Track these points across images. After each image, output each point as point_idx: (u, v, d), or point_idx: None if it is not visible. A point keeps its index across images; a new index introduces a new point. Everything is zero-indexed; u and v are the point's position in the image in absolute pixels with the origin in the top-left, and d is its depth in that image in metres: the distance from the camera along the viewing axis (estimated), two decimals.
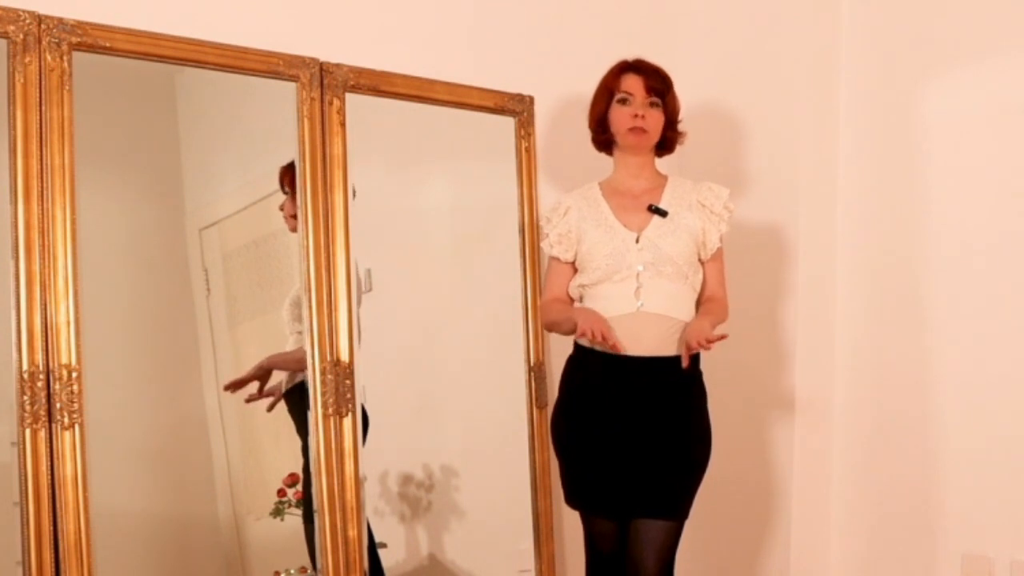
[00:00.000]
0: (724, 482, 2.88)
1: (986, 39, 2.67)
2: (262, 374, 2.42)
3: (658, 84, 2.30)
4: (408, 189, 2.76)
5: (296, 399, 2.41)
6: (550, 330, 2.48)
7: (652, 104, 2.30)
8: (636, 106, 2.29)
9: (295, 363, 2.42)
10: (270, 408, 2.43)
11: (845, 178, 2.95)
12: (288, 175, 2.41)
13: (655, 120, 2.31)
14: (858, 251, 2.93)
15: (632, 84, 2.30)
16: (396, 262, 2.70)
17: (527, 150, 2.81)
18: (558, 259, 2.37)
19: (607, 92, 2.34)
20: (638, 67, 2.32)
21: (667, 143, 2.38)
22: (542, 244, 2.41)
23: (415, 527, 2.74)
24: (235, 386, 2.39)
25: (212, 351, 2.43)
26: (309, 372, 2.38)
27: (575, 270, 2.36)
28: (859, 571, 2.96)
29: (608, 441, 2.25)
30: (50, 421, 1.99)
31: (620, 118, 2.31)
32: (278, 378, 2.45)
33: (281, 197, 2.44)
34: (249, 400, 2.40)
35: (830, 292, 2.96)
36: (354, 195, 2.46)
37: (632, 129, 2.30)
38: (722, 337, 2.14)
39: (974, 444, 2.70)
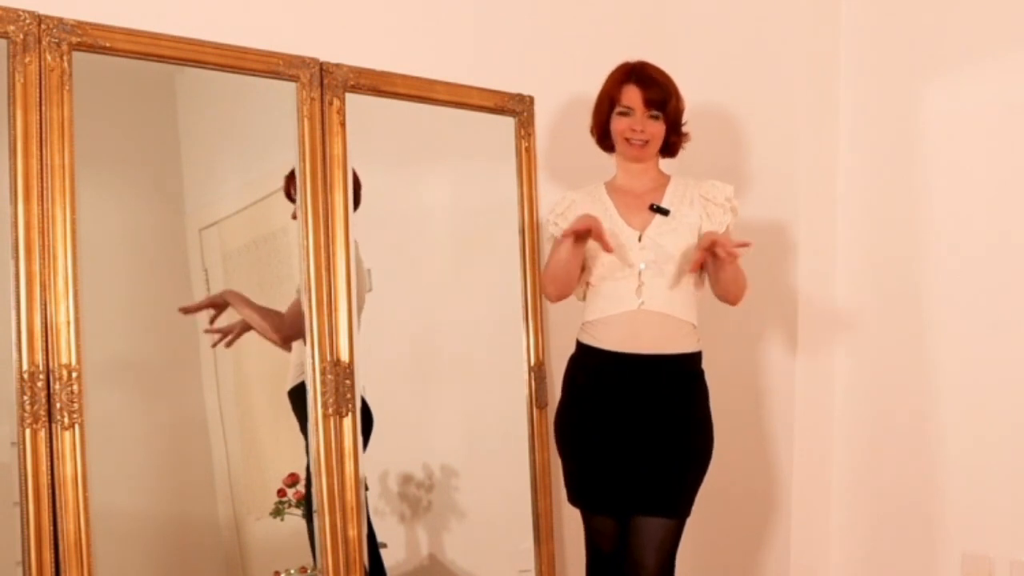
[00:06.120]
0: (724, 482, 2.88)
1: (986, 39, 2.67)
2: (219, 303, 2.38)
3: (658, 96, 2.28)
4: (408, 189, 2.76)
5: (299, 399, 2.41)
6: (554, 280, 2.31)
7: (652, 116, 2.30)
8: (636, 120, 2.30)
9: (249, 308, 2.41)
10: (228, 344, 2.39)
11: (845, 178, 2.95)
12: (293, 183, 2.40)
13: (656, 131, 2.31)
14: (858, 251, 2.93)
15: (632, 97, 2.29)
16: (396, 262, 2.70)
17: (527, 150, 2.81)
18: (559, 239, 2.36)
19: (608, 101, 2.34)
20: (639, 77, 2.30)
21: (670, 147, 2.38)
22: (552, 233, 2.40)
23: (415, 527, 2.74)
24: (188, 310, 2.36)
25: (212, 351, 2.42)
26: (308, 372, 2.38)
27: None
28: (859, 571, 2.96)
29: (610, 439, 2.25)
30: (50, 421, 1.99)
31: (620, 130, 2.32)
32: (236, 317, 2.41)
33: (281, 198, 2.44)
34: (212, 335, 2.37)
35: (830, 292, 2.97)
36: (358, 186, 2.45)
37: (631, 142, 2.30)
38: (743, 244, 2.17)
39: (974, 444, 2.70)
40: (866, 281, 2.92)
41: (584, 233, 2.18)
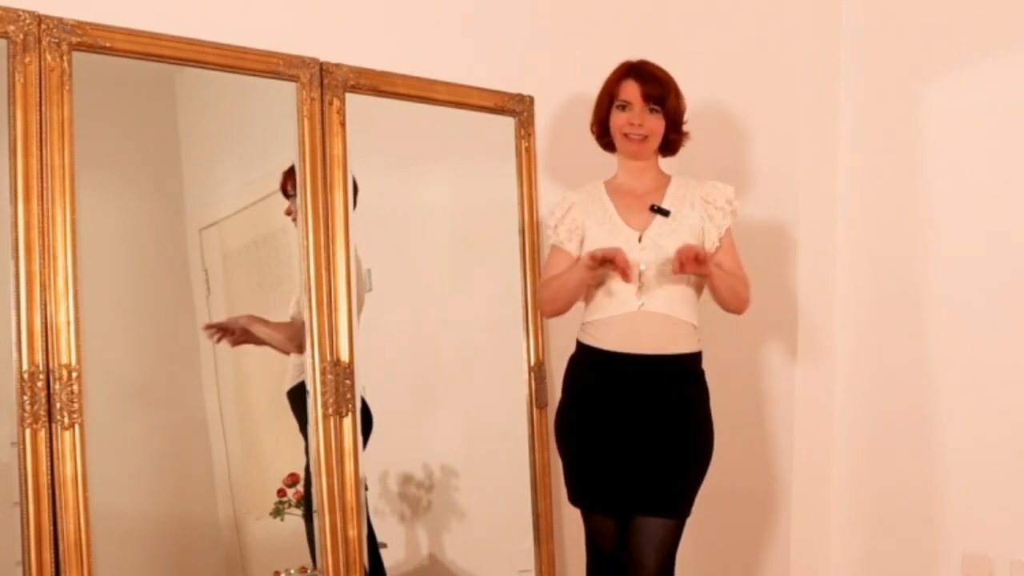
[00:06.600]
0: (725, 482, 2.88)
1: (986, 39, 2.67)
2: (236, 329, 2.40)
3: (656, 91, 2.28)
4: (408, 189, 2.76)
5: (298, 399, 2.41)
6: (554, 301, 2.34)
7: (651, 111, 2.30)
8: (634, 114, 2.29)
9: (268, 328, 2.42)
10: (233, 344, 2.41)
11: (845, 178, 2.96)
12: (291, 179, 2.41)
13: (654, 126, 2.31)
14: (858, 250, 2.94)
15: (630, 91, 2.30)
16: (396, 262, 2.70)
17: (527, 150, 2.81)
18: (560, 248, 2.36)
19: (608, 97, 2.34)
20: (638, 73, 2.30)
21: (670, 145, 2.38)
22: (551, 241, 2.40)
23: (415, 527, 2.74)
24: (211, 328, 2.39)
25: (212, 351, 2.42)
26: (308, 372, 2.38)
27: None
28: (859, 571, 2.96)
29: (610, 439, 2.25)
30: (50, 421, 1.99)
31: (619, 124, 2.31)
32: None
33: (281, 198, 2.44)
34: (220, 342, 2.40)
35: (830, 292, 2.96)
36: (355, 190, 2.46)
37: (629, 136, 2.30)
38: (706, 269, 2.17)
39: (974, 444, 2.70)
40: (866, 281, 2.92)
41: (606, 262, 2.16)
